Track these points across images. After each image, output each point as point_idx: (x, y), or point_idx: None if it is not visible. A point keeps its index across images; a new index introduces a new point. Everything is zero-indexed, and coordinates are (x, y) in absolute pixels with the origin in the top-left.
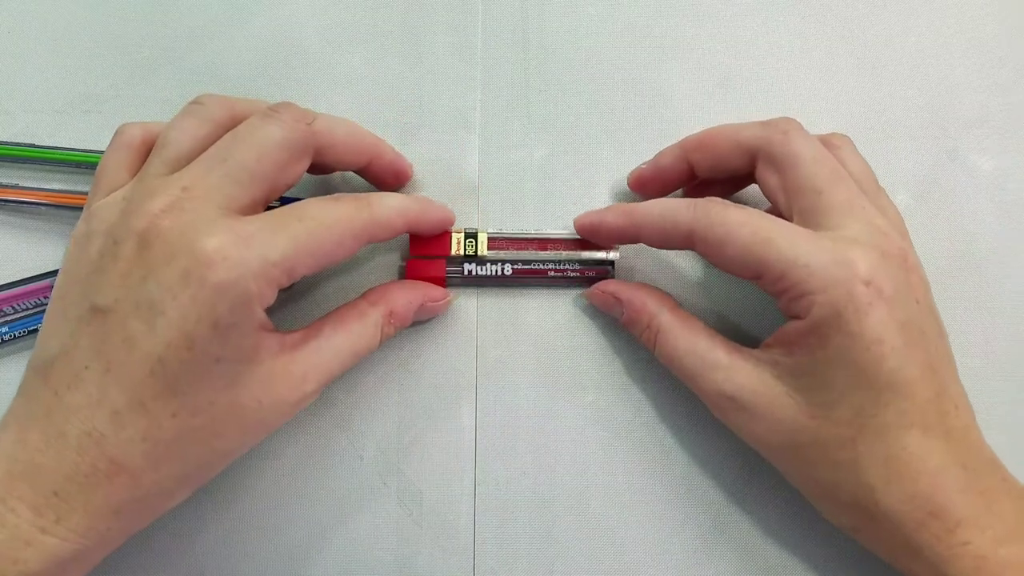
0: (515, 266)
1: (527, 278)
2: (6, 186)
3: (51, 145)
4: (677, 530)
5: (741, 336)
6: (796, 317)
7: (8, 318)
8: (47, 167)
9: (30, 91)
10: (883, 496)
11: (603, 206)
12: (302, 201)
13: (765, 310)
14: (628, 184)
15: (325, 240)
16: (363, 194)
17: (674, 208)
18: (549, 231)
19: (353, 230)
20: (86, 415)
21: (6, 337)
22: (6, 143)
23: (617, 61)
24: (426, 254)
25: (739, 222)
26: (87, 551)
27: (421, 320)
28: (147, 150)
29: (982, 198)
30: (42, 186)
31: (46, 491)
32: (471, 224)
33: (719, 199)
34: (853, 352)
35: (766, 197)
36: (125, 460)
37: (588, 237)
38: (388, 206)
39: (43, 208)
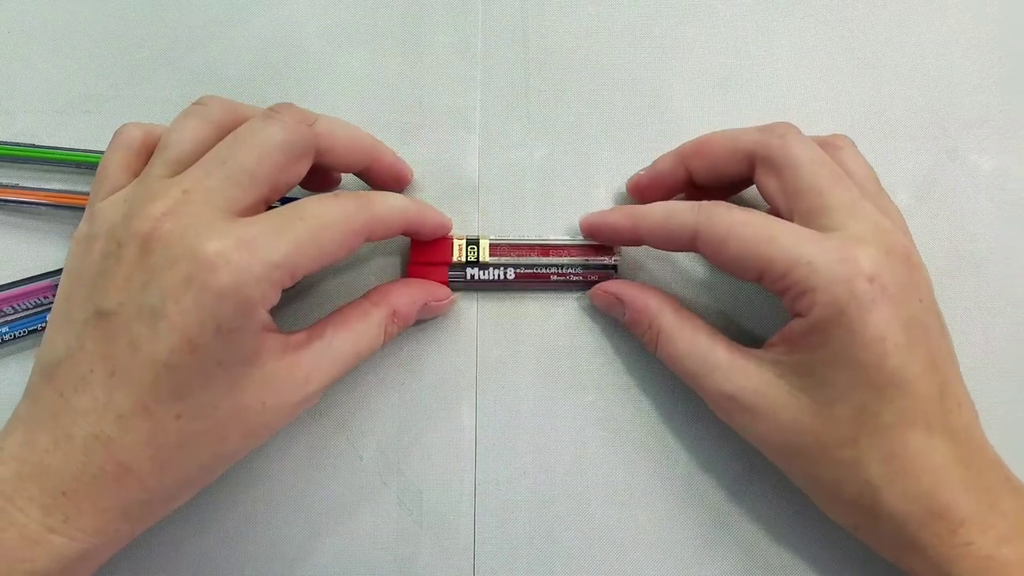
0: (518, 270)
1: (530, 282)
2: (6, 186)
3: (51, 145)
4: (678, 530)
5: (744, 337)
6: (798, 315)
7: (8, 318)
8: (47, 167)
9: (30, 91)
10: (886, 495)
11: (604, 206)
12: (302, 199)
13: (768, 311)
14: (627, 190)
15: (327, 239)
16: (363, 192)
17: (678, 209)
18: (550, 237)
19: (353, 227)
20: (93, 418)
21: (6, 337)
22: (6, 143)
23: (617, 61)
24: (427, 261)
25: (743, 222)
26: (95, 551)
27: (424, 319)
28: (147, 151)
29: (982, 198)
30: (42, 186)
31: (54, 491)
32: (471, 224)
33: (722, 202)
34: (855, 349)
35: (766, 201)
36: (131, 463)
37: (591, 237)
38: (388, 204)
39: (43, 208)
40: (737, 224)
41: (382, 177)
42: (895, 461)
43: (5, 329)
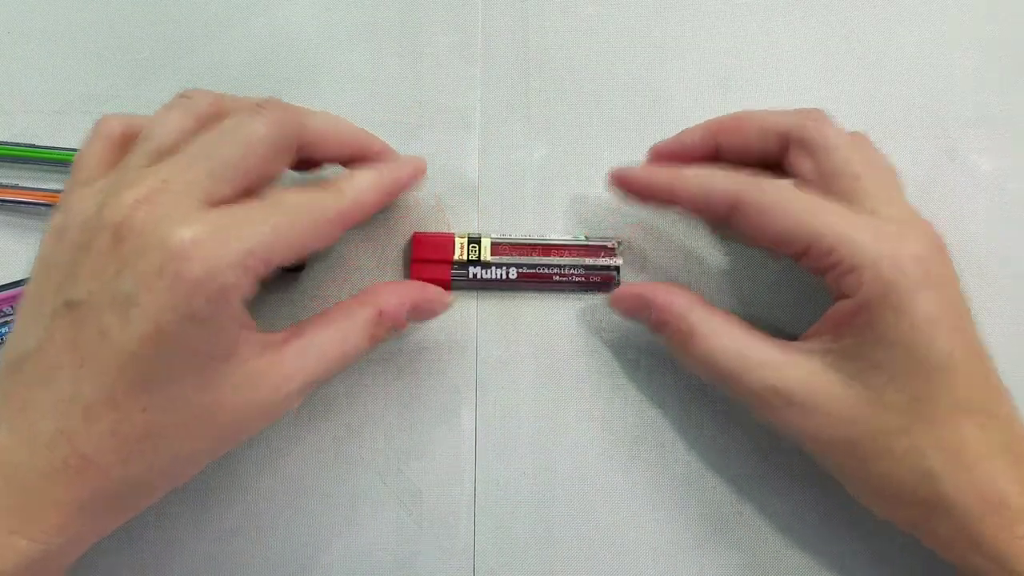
0: (520, 270)
1: (532, 282)
2: (6, 186)
3: (51, 145)
4: (677, 531)
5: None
6: (844, 296)
7: (8, 318)
8: (47, 167)
9: (29, 91)
10: (944, 484)
11: (603, 206)
12: (275, 190)
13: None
14: (648, 156)
15: (301, 227)
16: (331, 178)
17: (720, 174)
18: (552, 236)
19: (327, 216)
20: (59, 412)
21: (5, 337)
22: (6, 143)
23: (617, 61)
24: (429, 258)
25: (791, 195)
26: (58, 550)
27: (420, 321)
28: (127, 143)
29: (982, 198)
30: (42, 186)
31: (17, 490)
32: (471, 224)
33: (764, 176)
34: (904, 329)
35: None
36: (94, 455)
37: (623, 188)
38: (358, 187)
39: (43, 208)
40: (785, 197)
41: None
42: (950, 449)
43: (5, 329)
